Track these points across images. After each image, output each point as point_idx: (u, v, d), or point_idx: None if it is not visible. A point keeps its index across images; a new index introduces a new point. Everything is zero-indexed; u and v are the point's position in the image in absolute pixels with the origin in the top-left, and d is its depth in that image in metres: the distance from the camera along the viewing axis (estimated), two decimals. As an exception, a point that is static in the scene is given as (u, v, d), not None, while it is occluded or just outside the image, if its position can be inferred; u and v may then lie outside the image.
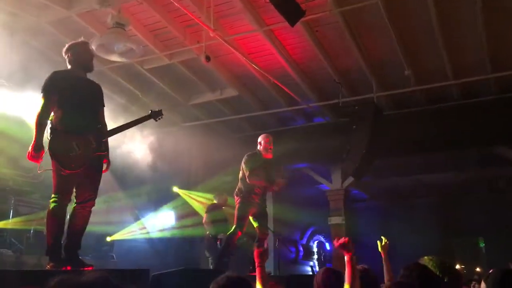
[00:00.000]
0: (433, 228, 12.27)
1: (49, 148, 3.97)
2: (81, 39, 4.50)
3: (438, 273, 2.80)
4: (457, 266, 11.83)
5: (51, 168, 4.03)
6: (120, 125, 4.41)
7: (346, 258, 3.06)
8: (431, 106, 8.97)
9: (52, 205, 4.02)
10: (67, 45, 4.39)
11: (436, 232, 12.22)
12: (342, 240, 3.06)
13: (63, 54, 4.38)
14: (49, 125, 4.09)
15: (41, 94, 4.11)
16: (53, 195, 4.05)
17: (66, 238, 4.13)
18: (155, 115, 4.61)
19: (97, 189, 4.25)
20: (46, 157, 4.05)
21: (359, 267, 3.63)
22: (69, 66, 4.36)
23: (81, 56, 4.38)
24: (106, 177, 4.42)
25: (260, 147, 6.05)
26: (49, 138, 4.01)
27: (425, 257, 2.95)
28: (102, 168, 4.30)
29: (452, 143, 8.93)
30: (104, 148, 4.27)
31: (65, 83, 4.17)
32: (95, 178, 4.24)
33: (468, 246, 12.49)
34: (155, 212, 10.50)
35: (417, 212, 12.95)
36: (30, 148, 3.98)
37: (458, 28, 7.01)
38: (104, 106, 4.47)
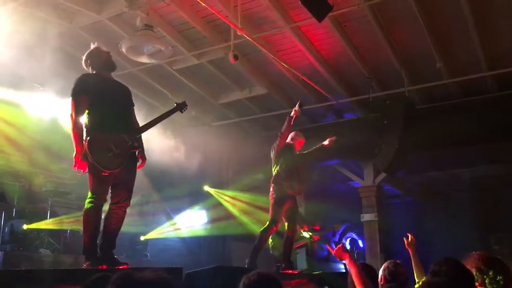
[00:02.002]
0: (470, 224, 11.97)
1: (88, 151, 4.03)
2: (92, 45, 4.57)
3: (483, 268, 2.73)
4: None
5: (87, 169, 4.13)
6: (150, 121, 4.48)
7: (346, 261, 3.06)
8: (465, 99, 8.73)
9: (88, 205, 4.11)
10: (83, 58, 4.47)
11: (473, 227, 11.92)
12: (335, 248, 3.10)
13: (84, 67, 4.47)
14: (84, 128, 4.18)
15: (71, 98, 4.20)
16: (89, 196, 4.13)
17: (101, 238, 4.21)
18: (181, 107, 4.66)
19: (132, 189, 4.32)
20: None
21: (392, 261, 3.59)
22: (93, 72, 4.43)
23: (98, 57, 4.46)
24: (139, 178, 4.49)
25: (293, 142, 6.11)
26: (87, 141, 4.07)
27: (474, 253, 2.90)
28: (136, 168, 4.37)
29: (488, 136, 8.66)
30: (138, 144, 4.34)
31: (95, 84, 4.26)
32: (130, 178, 4.31)
33: (508, 242, 12.11)
34: (187, 211, 10.62)
35: (453, 207, 12.67)
36: (74, 156, 4.06)
37: (492, 16, 6.79)
38: (133, 105, 4.55)
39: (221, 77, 8.78)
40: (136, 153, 4.35)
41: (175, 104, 4.66)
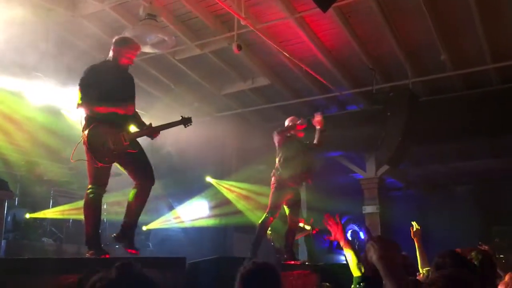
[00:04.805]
0: (471, 217, 11.95)
1: (87, 140, 4.04)
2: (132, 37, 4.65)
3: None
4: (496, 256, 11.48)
5: (85, 159, 4.14)
6: (150, 128, 4.45)
7: (342, 243, 2.98)
8: (469, 92, 8.69)
9: (88, 195, 4.16)
10: (124, 39, 4.56)
11: (475, 220, 11.89)
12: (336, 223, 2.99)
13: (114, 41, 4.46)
14: (84, 116, 4.18)
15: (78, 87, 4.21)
16: (89, 186, 4.17)
17: (125, 216, 4.33)
18: (185, 121, 4.65)
19: (148, 166, 4.38)
20: (81, 147, 4.15)
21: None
22: (110, 57, 4.42)
23: (120, 51, 4.44)
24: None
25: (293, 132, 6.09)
26: (87, 130, 4.07)
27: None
28: (140, 149, 4.38)
29: (491, 129, 8.64)
30: (135, 146, 4.30)
31: (104, 76, 4.24)
32: (141, 160, 4.36)
33: (509, 235, 12.11)
34: (189, 201, 10.62)
35: (454, 200, 12.65)
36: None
37: (498, 9, 6.73)
38: (135, 99, 4.52)
39: (224, 68, 8.73)
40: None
41: (181, 117, 4.62)
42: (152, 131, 4.45)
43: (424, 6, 6.48)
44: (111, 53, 4.41)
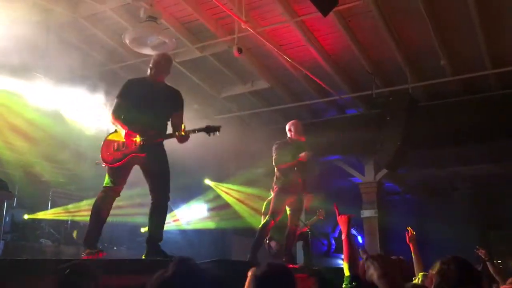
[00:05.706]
0: (470, 221, 11.96)
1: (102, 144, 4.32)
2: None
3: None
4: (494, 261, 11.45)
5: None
6: (170, 133, 4.51)
7: (343, 236, 2.98)
8: (468, 97, 8.70)
9: (99, 194, 4.26)
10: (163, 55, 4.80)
11: (473, 225, 11.91)
12: (347, 216, 2.99)
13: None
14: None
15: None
16: (103, 186, 4.28)
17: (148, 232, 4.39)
18: (210, 129, 4.49)
19: (160, 184, 4.41)
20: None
21: (394, 257, 3.58)
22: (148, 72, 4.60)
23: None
24: (138, 170, 4.50)
25: (290, 134, 6.04)
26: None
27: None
28: (160, 163, 4.43)
29: (490, 134, 8.65)
30: (142, 151, 4.24)
31: (133, 90, 4.41)
32: (156, 171, 4.39)
33: (508, 240, 12.11)
34: (188, 204, 10.61)
35: (453, 205, 12.66)
36: None
37: (498, 14, 6.75)
38: (177, 111, 4.65)
39: (224, 71, 8.74)
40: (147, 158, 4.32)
41: (205, 126, 4.47)
42: (168, 136, 4.47)
43: (424, 11, 6.49)
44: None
